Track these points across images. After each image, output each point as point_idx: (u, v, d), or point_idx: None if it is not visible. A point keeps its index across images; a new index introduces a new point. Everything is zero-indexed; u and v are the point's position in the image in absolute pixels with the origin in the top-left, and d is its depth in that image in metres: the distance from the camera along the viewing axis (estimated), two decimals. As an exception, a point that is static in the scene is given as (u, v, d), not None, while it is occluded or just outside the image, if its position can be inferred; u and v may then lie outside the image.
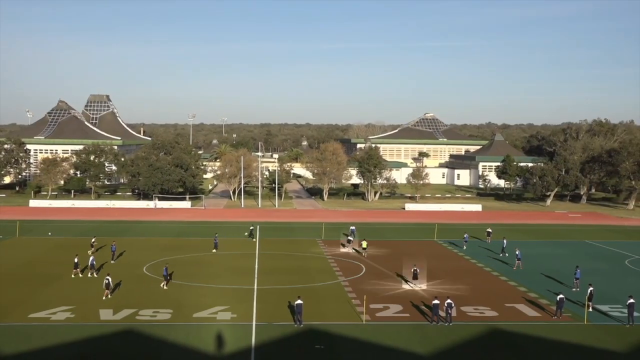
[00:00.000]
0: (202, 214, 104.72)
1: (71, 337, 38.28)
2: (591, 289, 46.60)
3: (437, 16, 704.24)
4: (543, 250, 71.79)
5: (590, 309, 45.62)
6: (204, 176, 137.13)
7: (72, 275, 55.18)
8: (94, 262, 56.58)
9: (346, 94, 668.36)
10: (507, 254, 67.29)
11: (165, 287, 51.32)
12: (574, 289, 52.53)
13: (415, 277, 53.46)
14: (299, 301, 41.96)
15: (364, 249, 68.08)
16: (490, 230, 79.64)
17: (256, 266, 60.92)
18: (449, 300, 42.81)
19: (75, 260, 55.93)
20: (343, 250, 70.48)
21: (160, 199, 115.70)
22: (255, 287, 52.37)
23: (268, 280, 54.77)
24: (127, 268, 58.19)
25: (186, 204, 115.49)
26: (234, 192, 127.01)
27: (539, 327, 42.35)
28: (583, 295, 47.97)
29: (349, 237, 73.70)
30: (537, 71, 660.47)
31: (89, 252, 63.85)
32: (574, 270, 54.59)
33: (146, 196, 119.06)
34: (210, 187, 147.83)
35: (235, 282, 53.75)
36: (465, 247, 73.22)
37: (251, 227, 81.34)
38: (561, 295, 45.14)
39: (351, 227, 79.64)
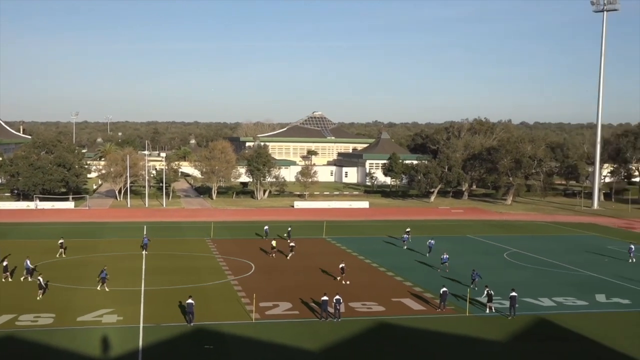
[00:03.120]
0: (87, 215, 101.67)
1: (-55, 346, 36.37)
2: (488, 289, 47.02)
3: (325, 17, 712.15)
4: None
5: (490, 310, 45.73)
6: (88, 175, 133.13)
7: (3, 280, 52.90)
8: (29, 266, 54.28)
9: (235, 92, 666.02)
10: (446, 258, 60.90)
11: (106, 289, 49.93)
12: (475, 288, 51.66)
13: (342, 271, 54.81)
14: (190, 300, 41.54)
15: (272, 248, 66.87)
16: (409, 230, 78.51)
17: (143, 267, 59.77)
18: (337, 297, 43.39)
19: (5, 263, 54.06)
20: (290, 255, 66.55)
21: (42, 199, 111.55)
22: (143, 288, 51.38)
23: (156, 281, 53.84)
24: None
25: (69, 205, 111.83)
26: (119, 192, 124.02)
27: (424, 320, 43.60)
28: (478, 294, 49.41)
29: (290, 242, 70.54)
30: (421, 71, 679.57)
31: (57, 254, 63.93)
32: (471, 273, 53.98)
33: (26, 197, 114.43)
34: (94, 187, 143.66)
35: (121, 283, 52.48)
36: (405, 247, 72.86)
37: (289, 228, 78.93)
38: (444, 289, 46.58)
39: (288, 228, 78.97)
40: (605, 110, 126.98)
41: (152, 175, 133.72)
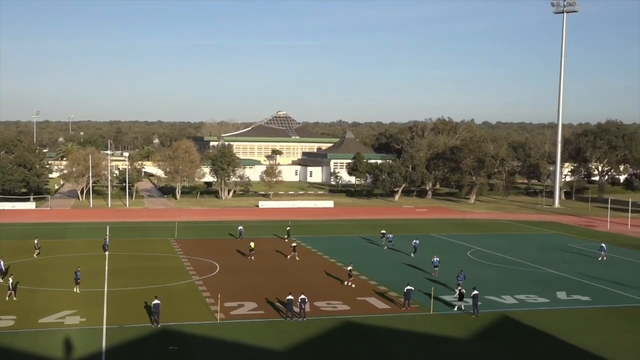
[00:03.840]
0: (48, 215, 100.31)
1: None
2: (460, 288, 47.54)
3: (288, 15, 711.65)
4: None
5: (456, 309, 46.06)
6: (50, 176, 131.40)
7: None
8: (2, 267, 53.58)
9: (198, 91, 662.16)
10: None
11: (77, 291, 49.24)
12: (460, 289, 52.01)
13: (350, 275, 54.03)
14: (156, 301, 41.24)
15: (251, 250, 64.95)
16: (384, 232, 76.51)
17: (106, 268, 59.14)
18: (302, 296, 43.45)
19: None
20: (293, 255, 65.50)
21: (2, 200, 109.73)
22: (106, 289, 50.85)
23: (119, 282, 53.32)
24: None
25: (30, 205, 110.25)
26: (82, 192, 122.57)
27: (389, 318, 43.83)
28: (443, 292, 49.79)
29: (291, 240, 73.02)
30: (385, 71, 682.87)
31: (35, 254, 63.62)
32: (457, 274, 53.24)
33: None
34: (56, 187, 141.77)
35: (84, 285, 51.72)
36: (385, 248, 72.36)
37: (288, 227, 78.59)
38: (409, 287, 46.82)
39: (287, 227, 78.79)
40: (565, 111, 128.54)
41: (114, 175, 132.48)
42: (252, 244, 65.95)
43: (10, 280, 47.89)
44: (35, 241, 66.37)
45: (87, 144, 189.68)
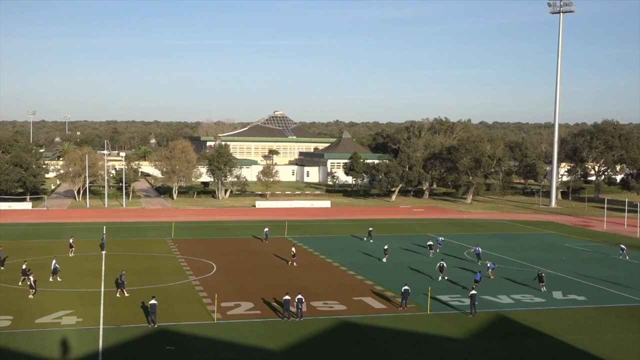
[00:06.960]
0: (45, 215, 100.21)
1: None
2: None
3: (285, 15, 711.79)
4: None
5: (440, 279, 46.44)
6: (46, 175, 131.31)
7: (20, 283, 51.32)
8: (57, 266, 53.79)
9: (195, 91, 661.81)
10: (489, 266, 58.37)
11: (126, 294, 48.60)
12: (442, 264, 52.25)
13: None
14: (153, 301, 41.22)
15: (293, 256, 62.33)
16: (431, 243, 71.08)
17: (103, 268, 59.10)
18: (299, 296, 43.44)
19: (24, 267, 52.59)
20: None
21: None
22: (102, 289, 50.81)
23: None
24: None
25: (27, 205, 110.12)
26: (78, 192, 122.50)
27: (386, 318, 43.85)
28: (443, 291, 49.98)
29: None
30: (382, 71, 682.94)
31: (70, 254, 64.19)
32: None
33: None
34: (53, 187, 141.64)
35: (80, 285, 51.86)
36: (437, 250, 70.28)
37: (370, 229, 78.09)
38: (406, 287, 46.83)
39: (369, 228, 78.42)
40: (562, 110, 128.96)
41: (111, 175, 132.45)
42: (293, 249, 63.84)
43: (32, 278, 48.31)
44: (71, 240, 66.61)
45: (84, 143, 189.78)
